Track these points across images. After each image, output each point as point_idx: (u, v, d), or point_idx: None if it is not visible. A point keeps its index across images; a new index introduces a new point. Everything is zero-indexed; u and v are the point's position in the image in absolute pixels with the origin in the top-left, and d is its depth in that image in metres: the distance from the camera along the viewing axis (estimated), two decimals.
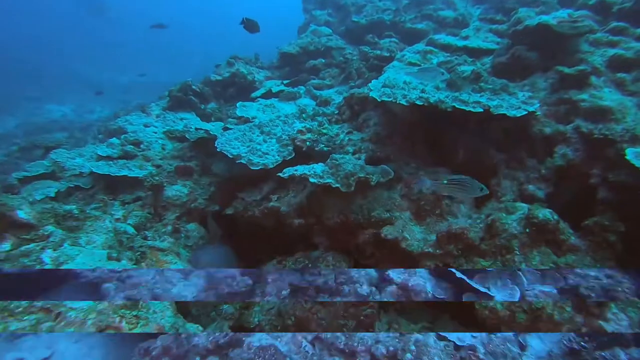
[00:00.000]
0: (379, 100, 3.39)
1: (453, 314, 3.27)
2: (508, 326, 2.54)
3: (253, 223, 3.98)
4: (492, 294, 2.60)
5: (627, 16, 4.20)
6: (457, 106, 3.04)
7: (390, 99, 3.33)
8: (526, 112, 3.01)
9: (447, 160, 3.62)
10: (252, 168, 3.79)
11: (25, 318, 2.21)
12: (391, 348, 2.42)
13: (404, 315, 3.42)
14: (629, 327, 2.22)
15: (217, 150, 4.05)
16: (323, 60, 6.78)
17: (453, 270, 2.75)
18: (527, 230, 2.74)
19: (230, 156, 3.91)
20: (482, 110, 3.02)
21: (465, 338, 2.43)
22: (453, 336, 2.45)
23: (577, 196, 3.14)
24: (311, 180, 3.16)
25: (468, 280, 2.67)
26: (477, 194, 2.51)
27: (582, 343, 2.11)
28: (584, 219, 3.04)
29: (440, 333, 2.51)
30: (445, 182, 2.58)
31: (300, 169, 3.32)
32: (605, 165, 2.93)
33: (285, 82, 6.54)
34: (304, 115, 4.49)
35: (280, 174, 3.41)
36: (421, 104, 3.16)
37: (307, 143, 3.79)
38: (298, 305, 3.47)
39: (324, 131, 3.93)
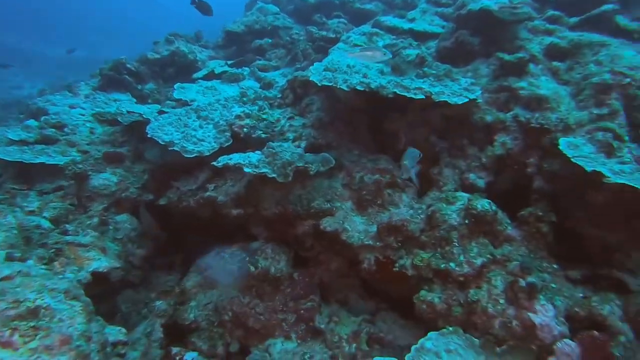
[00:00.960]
0: (319, 84, 3.22)
1: (394, 305, 3.23)
2: (444, 320, 2.51)
3: (189, 214, 3.75)
4: None
5: (563, 5, 4.24)
6: (398, 92, 2.93)
7: (330, 84, 3.17)
8: (467, 100, 2.94)
9: (390, 147, 3.53)
10: (185, 156, 3.54)
11: None
12: None
13: (345, 307, 3.35)
14: (554, 317, 2.23)
15: (148, 136, 3.75)
16: (269, 40, 6.49)
17: None
18: (467, 221, 2.70)
19: (162, 143, 3.63)
20: (423, 97, 2.92)
21: None
22: None
23: (515, 185, 3.14)
24: (245, 170, 2.97)
25: None
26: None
27: None
28: (521, 208, 3.06)
29: None
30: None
31: (235, 158, 3.12)
32: (542, 154, 2.93)
33: (229, 62, 6.21)
34: (244, 98, 4.25)
35: (214, 163, 3.19)
36: (362, 89, 3.03)
37: (245, 129, 3.58)
38: (235, 300, 3.32)
39: (264, 116, 3.72)
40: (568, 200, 2.83)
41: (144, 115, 4.40)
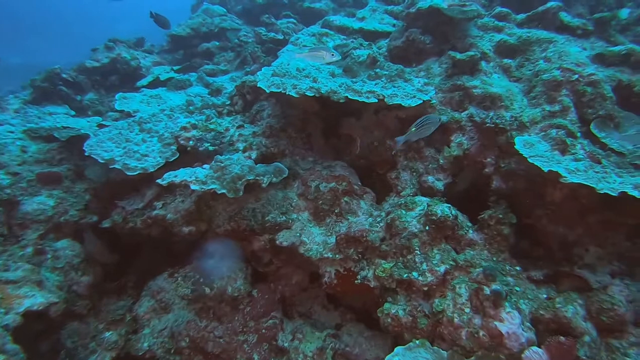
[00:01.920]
0: (267, 91, 3.04)
1: (359, 315, 3.12)
2: (411, 332, 2.41)
3: (137, 234, 3.49)
4: None
5: (509, 1, 4.27)
6: (350, 97, 2.80)
7: (279, 90, 3.00)
8: (421, 102, 2.86)
9: (345, 152, 3.41)
10: (128, 174, 3.28)
11: None
12: None
13: (309, 322, 3.21)
14: (520, 325, 2.17)
15: (86, 154, 3.45)
16: (217, 43, 6.23)
17: None
18: (427, 227, 2.61)
19: (102, 161, 3.34)
20: (376, 100, 2.81)
21: None
22: None
23: (473, 185, 3.10)
24: (193, 187, 2.76)
25: None
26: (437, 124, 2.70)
27: None
28: (481, 208, 3.02)
29: None
30: (413, 129, 2.66)
31: (180, 174, 2.90)
32: (498, 153, 2.89)
33: (175, 68, 5.91)
34: (191, 107, 4.01)
35: (159, 181, 2.95)
36: (312, 95, 2.88)
37: (191, 142, 3.35)
38: (192, 324, 3.11)
39: (212, 126, 3.50)
40: (526, 198, 2.80)
41: (81, 131, 4.08)
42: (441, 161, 3.07)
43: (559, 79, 2.92)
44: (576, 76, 2.92)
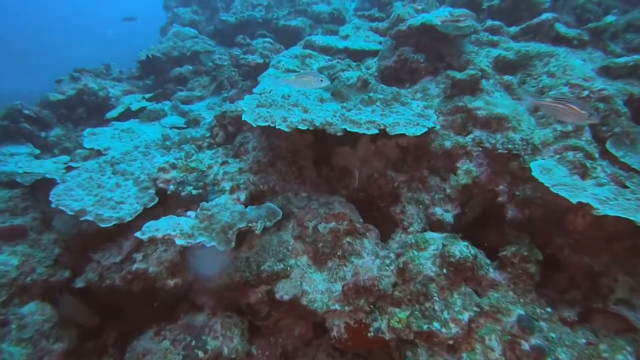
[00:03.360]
0: (254, 125, 2.74)
1: None
2: None
3: (117, 292, 3.11)
4: None
5: (497, 14, 4.12)
6: (348, 129, 2.53)
7: (267, 124, 2.71)
8: (426, 129, 2.61)
9: (341, 185, 3.13)
10: (102, 226, 2.92)
11: None
12: None
13: None
14: None
15: (52, 206, 3.07)
16: (190, 68, 5.89)
17: None
18: (445, 271, 2.34)
19: (71, 213, 2.97)
20: (377, 131, 2.55)
21: None
22: None
23: (483, 213, 2.86)
24: (178, 242, 2.43)
25: None
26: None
27: None
28: (492, 236, 2.78)
29: None
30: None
31: (163, 227, 2.55)
32: (511, 180, 2.66)
33: (147, 96, 5.54)
34: (167, 142, 3.67)
35: (138, 235, 2.60)
36: (305, 128, 2.59)
37: (171, 186, 3.01)
38: None
39: (193, 165, 3.17)
40: (545, 226, 2.58)
41: (47, 175, 3.69)
42: (448, 190, 2.82)
43: (569, 95, 2.73)
44: (586, 92, 2.73)
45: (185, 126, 4.47)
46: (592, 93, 2.71)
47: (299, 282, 2.63)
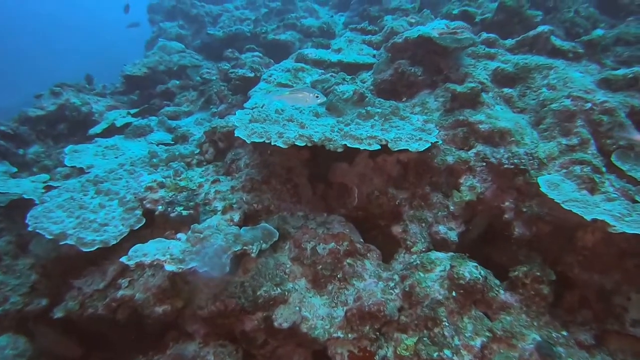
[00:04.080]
0: (247, 141, 2.60)
1: None
2: None
3: (100, 321, 2.90)
4: None
5: (490, 27, 4.10)
6: (349, 145, 2.40)
7: (262, 140, 2.57)
8: (430, 144, 2.50)
9: (339, 203, 2.99)
10: (84, 250, 2.72)
11: None
12: None
13: None
14: None
15: (29, 229, 2.87)
16: (177, 82, 5.74)
17: None
18: (454, 294, 2.21)
19: (50, 236, 2.77)
20: (379, 147, 2.43)
21: None
22: None
23: (487, 231, 2.76)
24: (167, 267, 2.25)
25: None
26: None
27: None
28: (498, 258, 2.68)
29: None
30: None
31: (151, 251, 2.38)
32: (517, 195, 2.56)
33: (132, 112, 5.36)
34: (154, 160, 3.49)
35: (124, 260, 2.42)
36: (303, 144, 2.46)
37: (160, 207, 2.83)
38: None
39: (183, 183, 3.01)
40: (553, 243, 2.48)
41: (24, 195, 3.48)
42: (451, 208, 2.71)
43: (572, 108, 2.66)
44: (589, 104, 2.66)
45: (172, 142, 4.30)
46: (594, 105, 2.65)
47: (297, 308, 2.47)
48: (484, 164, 2.65)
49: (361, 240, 2.77)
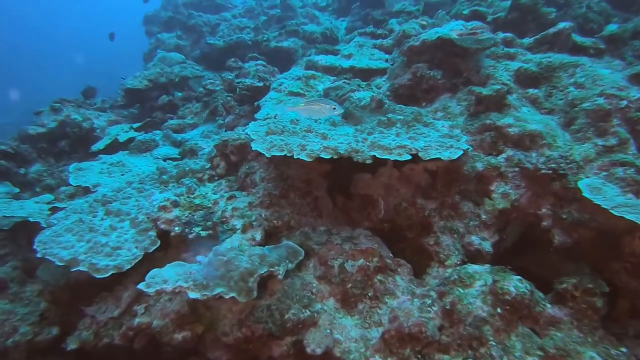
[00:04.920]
0: (267, 155, 2.46)
1: None
2: None
3: (116, 351, 2.74)
4: None
5: (503, 26, 3.98)
6: (378, 156, 2.26)
7: (283, 153, 2.43)
8: (462, 152, 2.36)
9: (365, 216, 2.85)
10: (97, 277, 2.57)
11: None
12: None
13: None
14: None
15: (38, 256, 2.71)
16: (180, 94, 5.60)
17: None
18: (499, 310, 2.07)
19: (61, 263, 2.61)
20: (410, 157, 2.30)
21: None
22: None
23: (521, 240, 2.62)
24: (191, 295, 2.10)
25: None
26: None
27: None
28: (534, 267, 2.54)
29: None
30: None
31: (171, 277, 2.22)
32: (554, 201, 2.43)
33: (135, 126, 5.22)
34: (164, 176, 3.34)
35: (142, 287, 2.26)
36: (329, 156, 2.33)
37: (176, 228, 2.68)
38: None
39: (197, 201, 2.86)
40: (597, 250, 2.35)
41: (30, 218, 3.32)
42: (484, 217, 2.57)
43: (606, 107, 2.53)
44: (624, 102, 2.54)
45: (180, 157, 4.16)
46: (630, 103, 2.53)
47: (328, 330, 2.32)
48: (517, 169, 2.51)
49: (390, 254, 2.63)
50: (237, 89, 4.45)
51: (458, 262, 2.48)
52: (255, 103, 4.13)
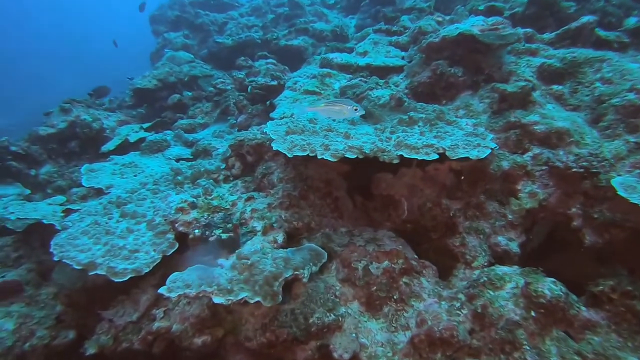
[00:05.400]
0: (289, 155, 2.40)
1: None
2: None
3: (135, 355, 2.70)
4: None
5: (521, 22, 3.90)
6: (405, 155, 2.20)
7: (305, 153, 2.37)
8: (490, 151, 2.30)
9: (386, 217, 2.79)
10: (116, 281, 2.52)
11: None
12: None
13: None
14: None
15: (55, 259, 2.66)
16: (189, 94, 5.55)
17: None
18: (532, 313, 2.00)
19: (79, 267, 2.57)
20: (437, 156, 2.23)
21: None
22: None
23: (548, 240, 2.55)
24: (216, 300, 2.04)
25: None
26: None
27: None
28: (563, 268, 2.46)
29: None
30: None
31: (194, 281, 2.17)
32: (584, 200, 2.36)
33: (145, 126, 5.17)
34: (179, 177, 3.29)
35: (163, 292, 2.21)
36: (354, 156, 2.26)
37: (196, 231, 2.63)
38: None
39: (215, 203, 2.80)
40: (630, 250, 2.28)
41: (44, 221, 3.28)
42: (510, 216, 2.51)
43: (637, 102, 2.46)
44: None
45: (192, 157, 4.11)
46: None
47: (354, 335, 2.26)
48: (545, 168, 2.44)
49: (415, 256, 2.57)
50: (250, 88, 4.40)
51: (485, 264, 2.42)
52: (268, 102, 4.07)
